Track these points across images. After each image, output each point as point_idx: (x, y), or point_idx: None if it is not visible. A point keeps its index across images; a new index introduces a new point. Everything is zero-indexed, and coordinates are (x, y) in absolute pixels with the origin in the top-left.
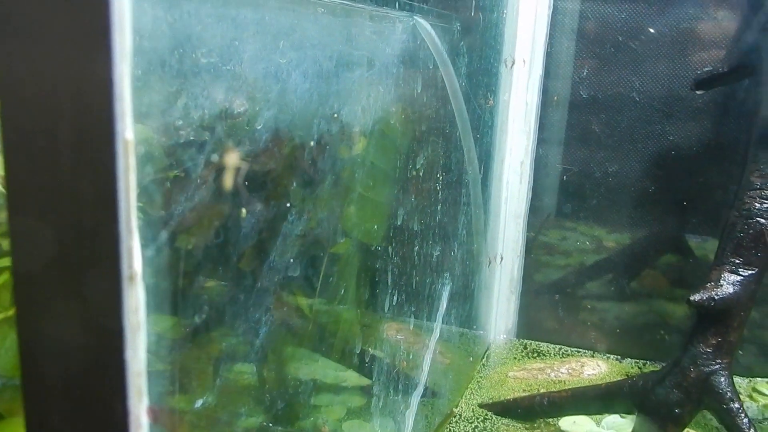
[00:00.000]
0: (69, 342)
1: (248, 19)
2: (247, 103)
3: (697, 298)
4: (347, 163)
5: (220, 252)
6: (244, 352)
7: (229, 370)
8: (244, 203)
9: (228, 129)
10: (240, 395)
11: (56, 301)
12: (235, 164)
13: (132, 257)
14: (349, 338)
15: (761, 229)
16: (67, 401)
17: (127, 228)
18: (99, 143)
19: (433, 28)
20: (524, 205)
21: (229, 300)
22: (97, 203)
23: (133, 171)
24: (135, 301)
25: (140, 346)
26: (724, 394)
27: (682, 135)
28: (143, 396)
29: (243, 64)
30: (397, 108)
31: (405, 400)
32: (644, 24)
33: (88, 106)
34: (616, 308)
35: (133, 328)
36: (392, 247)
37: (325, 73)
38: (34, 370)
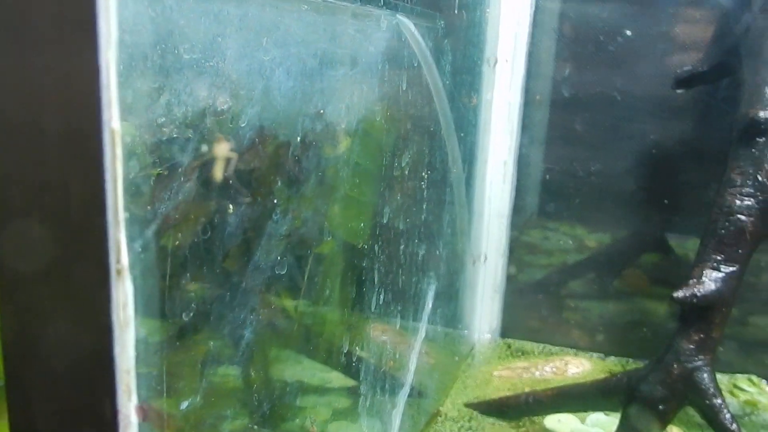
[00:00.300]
0: (55, 339)
1: (232, 15)
2: (230, 100)
3: (680, 295)
4: (332, 161)
5: (205, 251)
6: (228, 353)
7: (214, 372)
8: (229, 202)
9: (211, 126)
10: (224, 397)
11: (41, 297)
12: (220, 162)
13: (120, 251)
14: (335, 339)
15: (742, 226)
16: (54, 400)
17: (115, 221)
18: (85, 133)
19: (416, 26)
20: (507, 205)
21: (214, 300)
22: (84, 195)
23: (120, 162)
24: (123, 296)
25: (129, 343)
26: (707, 390)
27: (663, 134)
28: (132, 394)
29: (226, 61)
30: (381, 107)
31: (392, 400)
32: (625, 24)
33: (74, 96)
34: (599, 307)
35: (121, 324)
36: (377, 247)
37: (309, 71)
38: (19, 369)
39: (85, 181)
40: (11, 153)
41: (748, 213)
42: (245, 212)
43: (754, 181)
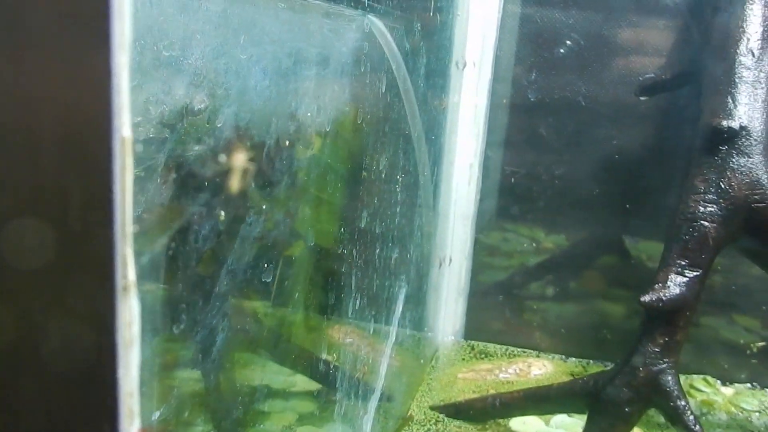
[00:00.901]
0: (53, 360)
1: (210, 11)
2: (207, 99)
3: (647, 299)
4: (304, 163)
5: (180, 254)
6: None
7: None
8: (204, 204)
9: (188, 126)
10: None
11: (40, 315)
12: (237, 173)
13: (126, 266)
14: (303, 343)
15: (705, 232)
16: (50, 425)
17: (123, 234)
18: (93, 141)
19: (386, 27)
20: (473, 207)
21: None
22: (90, 207)
23: (130, 171)
24: (129, 314)
25: (133, 364)
26: (672, 392)
27: (626, 140)
28: (135, 418)
29: (204, 59)
30: (352, 108)
31: (363, 406)
32: (591, 30)
33: (81, 100)
34: (559, 309)
35: (126, 344)
36: (347, 249)
37: (284, 71)
38: (12, 388)
39: (90, 191)
40: (8, 159)
41: (711, 219)
42: (218, 215)
43: (717, 188)
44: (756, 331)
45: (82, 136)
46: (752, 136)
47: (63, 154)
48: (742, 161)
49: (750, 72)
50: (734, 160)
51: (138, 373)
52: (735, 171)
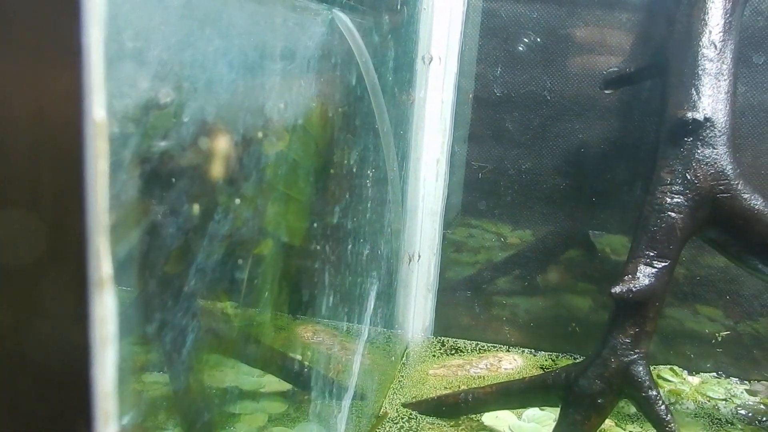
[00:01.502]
0: (25, 359)
1: (175, 1)
2: (173, 93)
3: (617, 291)
4: (271, 159)
5: (148, 253)
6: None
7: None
8: (172, 201)
9: (154, 120)
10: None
11: (10, 311)
12: (219, 160)
13: (101, 259)
14: (273, 342)
15: (673, 223)
16: (23, 427)
17: (97, 224)
18: (63, 123)
19: (352, 22)
20: (440, 203)
21: (153, 305)
22: (61, 195)
23: (104, 157)
24: (104, 310)
25: (109, 363)
26: (643, 383)
27: (591, 133)
28: (111, 419)
29: (169, 51)
30: (318, 103)
31: (337, 405)
32: (555, 24)
33: (49, 79)
34: (527, 303)
35: (101, 342)
36: (317, 247)
37: (250, 64)
38: None
39: (61, 178)
40: None
41: (678, 210)
42: (187, 213)
43: (683, 180)
44: (719, 320)
45: (52, 118)
46: (716, 127)
47: (32, 138)
48: (707, 152)
49: (713, 64)
50: (699, 152)
51: (114, 372)
52: (700, 162)
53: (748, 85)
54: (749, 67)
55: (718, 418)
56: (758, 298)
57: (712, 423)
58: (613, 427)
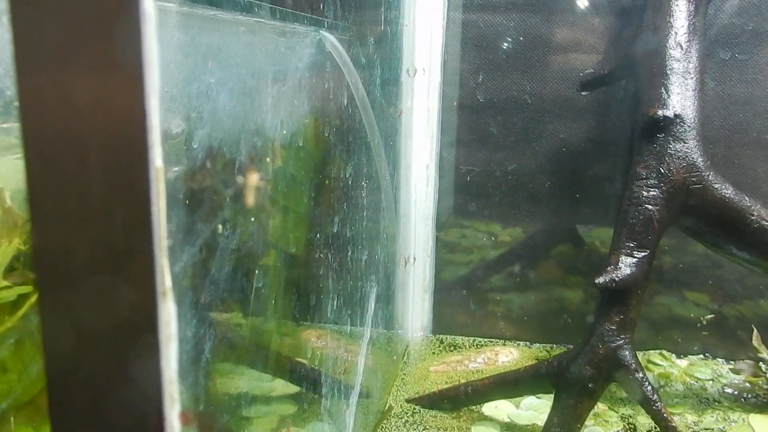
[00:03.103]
0: (107, 357)
1: (181, 41)
2: (183, 123)
3: (601, 281)
4: (270, 175)
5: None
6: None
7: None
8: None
9: (168, 149)
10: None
11: (95, 319)
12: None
13: (164, 275)
14: (281, 348)
15: (650, 215)
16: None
17: (160, 248)
18: (133, 172)
19: (339, 41)
20: (432, 207)
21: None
22: (132, 226)
23: (163, 196)
24: (167, 314)
25: (172, 356)
26: (630, 366)
27: (571, 133)
28: (176, 402)
29: (178, 86)
30: (311, 120)
31: (346, 402)
32: (531, 31)
33: (122, 138)
34: (521, 298)
35: (166, 340)
36: (319, 255)
37: (249, 90)
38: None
39: (133, 214)
40: (55, 189)
41: (655, 203)
42: (200, 230)
43: (658, 174)
44: (705, 305)
45: (124, 168)
46: (686, 123)
47: (108, 184)
48: (678, 147)
49: (680, 63)
50: (671, 147)
51: (176, 364)
52: (673, 156)
53: (717, 80)
54: (717, 62)
55: (705, 398)
56: (740, 281)
57: (701, 402)
58: (607, 411)
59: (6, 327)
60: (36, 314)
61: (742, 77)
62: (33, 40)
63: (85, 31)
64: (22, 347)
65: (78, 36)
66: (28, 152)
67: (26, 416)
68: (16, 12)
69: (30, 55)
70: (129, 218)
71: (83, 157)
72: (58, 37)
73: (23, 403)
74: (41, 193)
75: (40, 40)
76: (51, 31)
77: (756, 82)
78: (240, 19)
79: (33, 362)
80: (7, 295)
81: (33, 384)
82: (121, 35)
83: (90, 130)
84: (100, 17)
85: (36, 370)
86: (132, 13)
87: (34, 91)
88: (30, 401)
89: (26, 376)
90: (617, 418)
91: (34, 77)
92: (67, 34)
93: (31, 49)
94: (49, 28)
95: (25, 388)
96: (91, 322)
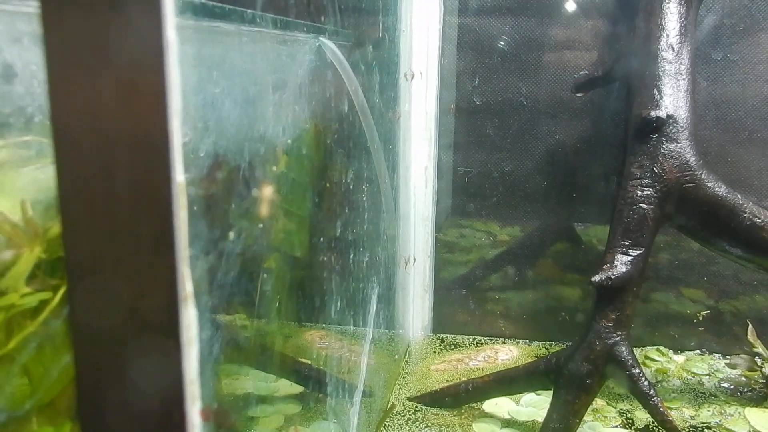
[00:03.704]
0: (133, 358)
1: (187, 54)
2: (190, 132)
3: (597, 279)
4: (273, 180)
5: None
6: None
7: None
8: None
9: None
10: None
11: (122, 324)
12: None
13: (185, 282)
14: (287, 350)
15: (644, 213)
16: (127, 410)
17: (181, 257)
18: (158, 187)
19: (338, 48)
20: (431, 208)
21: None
22: (156, 238)
23: (184, 208)
24: (188, 319)
25: (194, 357)
26: (626, 362)
27: (566, 134)
28: (196, 400)
29: (186, 97)
30: (312, 125)
31: (350, 401)
32: (526, 34)
33: (147, 156)
34: (519, 297)
35: (188, 342)
36: (322, 258)
37: (252, 98)
38: (93, 383)
39: (157, 226)
40: (84, 205)
41: (649, 201)
42: (209, 235)
43: (651, 173)
44: (701, 301)
45: (149, 184)
46: (679, 123)
47: (135, 199)
48: (671, 147)
49: (672, 65)
50: (664, 147)
51: (197, 365)
52: (666, 156)
53: (710, 80)
54: (709, 63)
55: (702, 393)
56: (736, 277)
57: (697, 397)
58: (605, 406)
59: (28, 331)
60: (56, 319)
61: (734, 77)
62: (64, 65)
63: (115, 57)
64: (43, 351)
65: (108, 61)
66: (60, 171)
67: (47, 417)
68: (48, 39)
69: (62, 80)
70: (154, 230)
71: (111, 174)
72: (90, 61)
73: (44, 405)
74: (72, 208)
75: (71, 65)
76: (84, 55)
77: (748, 82)
78: (243, 29)
79: (53, 365)
80: (29, 302)
81: (53, 386)
82: (146, 63)
83: (117, 149)
84: (128, 43)
85: (56, 372)
86: (156, 42)
87: (65, 114)
88: (51, 402)
89: (47, 378)
90: (616, 414)
91: (65, 99)
92: (97, 59)
93: (62, 74)
94: (82, 51)
95: (47, 389)
96: (118, 327)
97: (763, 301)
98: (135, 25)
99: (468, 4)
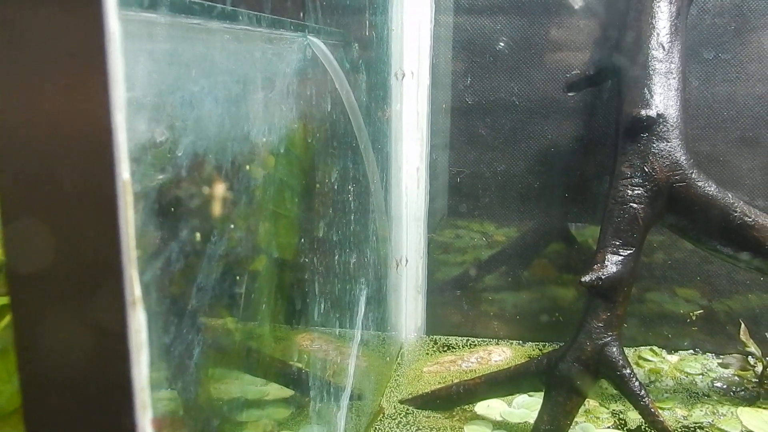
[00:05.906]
0: (78, 364)
1: (164, 51)
2: (167, 132)
3: (587, 279)
4: (259, 181)
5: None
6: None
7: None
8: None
9: (153, 158)
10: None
11: (67, 328)
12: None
13: (133, 285)
14: (274, 352)
15: (635, 213)
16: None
17: (128, 258)
18: (102, 185)
19: (327, 47)
20: (423, 208)
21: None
22: (101, 238)
23: (131, 207)
24: (137, 323)
25: (144, 364)
26: (617, 363)
27: (558, 133)
28: (147, 408)
29: (162, 95)
30: (299, 125)
31: (336, 405)
32: (518, 34)
33: (90, 153)
34: (513, 297)
35: (137, 348)
36: (308, 259)
37: (235, 97)
38: (38, 393)
39: (102, 226)
40: (27, 205)
41: (639, 201)
42: (187, 237)
43: (642, 172)
44: (695, 300)
45: (92, 183)
46: (669, 122)
47: (78, 198)
48: (661, 146)
49: (662, 64)
50: (655, 146)
51: (148, 372)
52: (656, 155)
53: (701, 80)
54: (701, 62)
55: (695, 392)
56: (728, 277)
57: (690, 397)
58: (598, 407)
59: None
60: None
61: (726, 76)
62: (4, 60)
63: (54, 52)
64: (7, 357)
65: (48, 57)
66: (1, 170)
67: (12, 425)
68: None
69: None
70: (98, 231)
71: (54, 173)
72: (29, 58)
73: (8, 413)
74: (13, 208)
75: (11, 60)
76: (22, 52)
77: (739, 81)
78: (225, 27)
79: (16, 373)
80: None
81: (18, 393)
82: (88, 57)
83: (59, 147)
84: (68, 38)
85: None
86: (97, 35)
87: (4, 109)
88: (15, 411)
89: (11, 385)
90: (608, 414)
91: (5, 97)
92: (37, 55)
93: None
94: (19, 49)
95: (10, 397)
96: (64, 333)
97: (756, 301)
98: (77, 17)
99: (460, 3)
